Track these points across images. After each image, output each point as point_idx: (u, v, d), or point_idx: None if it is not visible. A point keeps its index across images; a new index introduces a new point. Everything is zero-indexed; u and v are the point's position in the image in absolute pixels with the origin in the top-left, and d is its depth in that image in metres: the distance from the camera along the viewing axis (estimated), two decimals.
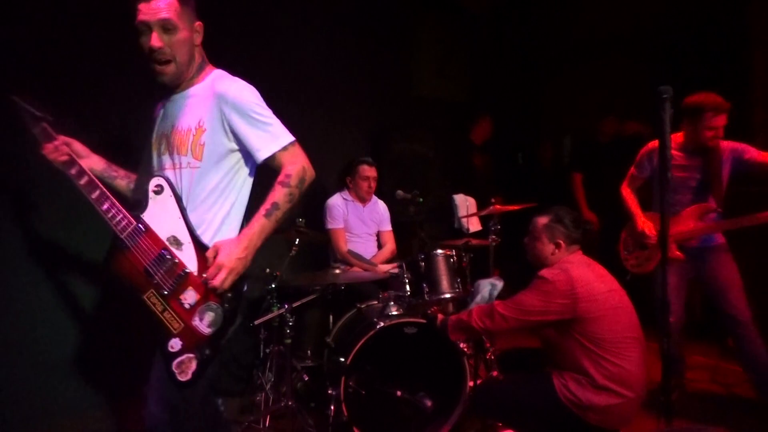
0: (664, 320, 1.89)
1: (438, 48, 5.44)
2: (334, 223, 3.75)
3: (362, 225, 3.85)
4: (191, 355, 1.63)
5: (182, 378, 1.63)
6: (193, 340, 1.64)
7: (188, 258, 1.68)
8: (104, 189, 1.67)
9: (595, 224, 4.55)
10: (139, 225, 1.64)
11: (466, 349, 2.86)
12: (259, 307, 3.11)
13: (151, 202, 1.67)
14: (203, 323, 1.65)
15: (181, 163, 1.73)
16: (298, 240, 3.06)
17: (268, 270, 3.09)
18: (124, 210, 1.65)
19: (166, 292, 1.65)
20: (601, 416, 2.07)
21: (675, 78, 3.03)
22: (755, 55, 4.04)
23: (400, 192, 3.43)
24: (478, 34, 5.76)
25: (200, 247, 1.70)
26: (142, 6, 1.64)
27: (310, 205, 4.05)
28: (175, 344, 1.63)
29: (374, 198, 3.94)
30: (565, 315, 2.12)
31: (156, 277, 1.65)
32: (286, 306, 2.90)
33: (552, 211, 2.37)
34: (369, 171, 3.78)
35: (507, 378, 2.71)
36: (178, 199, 1.70)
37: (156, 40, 1.65)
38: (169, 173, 1.75)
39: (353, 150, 4.33)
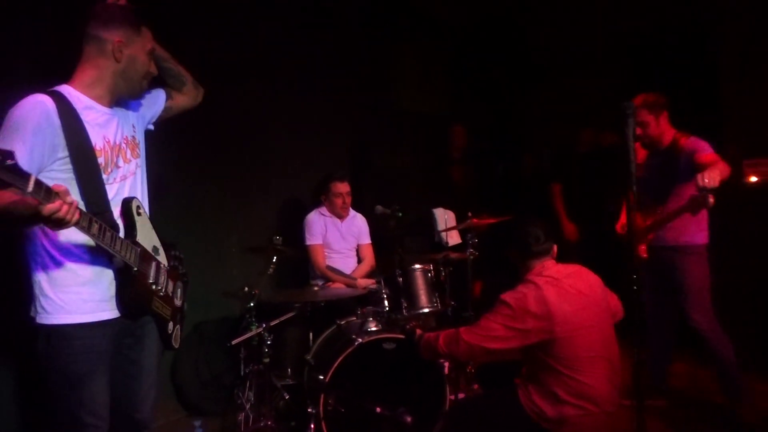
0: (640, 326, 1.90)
1: (419, 61, 5.49)
2: (313, 239, 3.74)
3: (342, 240, 3.84)
4: (179, 326, 2.02)
5: (177, 344, 2.01)
6: (177, 315, 2.00)
7: (162, 257, 1.93)
8: (106, 225, 1.62)
9: (573, 234, 4.59)
10: (139, 249, 1.79)
11: (446, 364, 2.86)
12: (239, 326, 3.09)
13: (138, 224, 1.82)
14: (179, 299, 2.02)
15: (137, 166, 1.94)
16: (275, 258, 3.06)
17: (246, 288, 3.07)
18: (125, 240, 1.73)
19: (162, 294, 1.89)
20: (569, 429, 2.05)
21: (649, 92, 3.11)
22: (723, 82, 4.15)
23: (379, 207, 3.42)
24: (459, 48, 5.83)
25: (164, 244, 1.96)
26: (148, 32, 1.88)
27: (288, 221, 4.05)
28: (170, 327, 1.95)
29: (352, 212, 3.91)
30: (542, 336, 2.05)
31: (159, 285, 1.87)
32: (264, 325, 2.88)
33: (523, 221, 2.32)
34: (341, 187, 3.72)
35: (479, 393, 2.71)
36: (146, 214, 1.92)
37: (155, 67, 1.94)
38: (129, 180, 1.89)
39: (333, 165, 4.30)
